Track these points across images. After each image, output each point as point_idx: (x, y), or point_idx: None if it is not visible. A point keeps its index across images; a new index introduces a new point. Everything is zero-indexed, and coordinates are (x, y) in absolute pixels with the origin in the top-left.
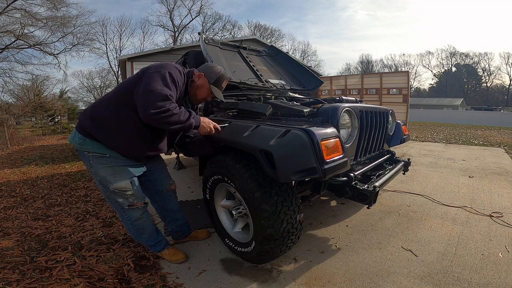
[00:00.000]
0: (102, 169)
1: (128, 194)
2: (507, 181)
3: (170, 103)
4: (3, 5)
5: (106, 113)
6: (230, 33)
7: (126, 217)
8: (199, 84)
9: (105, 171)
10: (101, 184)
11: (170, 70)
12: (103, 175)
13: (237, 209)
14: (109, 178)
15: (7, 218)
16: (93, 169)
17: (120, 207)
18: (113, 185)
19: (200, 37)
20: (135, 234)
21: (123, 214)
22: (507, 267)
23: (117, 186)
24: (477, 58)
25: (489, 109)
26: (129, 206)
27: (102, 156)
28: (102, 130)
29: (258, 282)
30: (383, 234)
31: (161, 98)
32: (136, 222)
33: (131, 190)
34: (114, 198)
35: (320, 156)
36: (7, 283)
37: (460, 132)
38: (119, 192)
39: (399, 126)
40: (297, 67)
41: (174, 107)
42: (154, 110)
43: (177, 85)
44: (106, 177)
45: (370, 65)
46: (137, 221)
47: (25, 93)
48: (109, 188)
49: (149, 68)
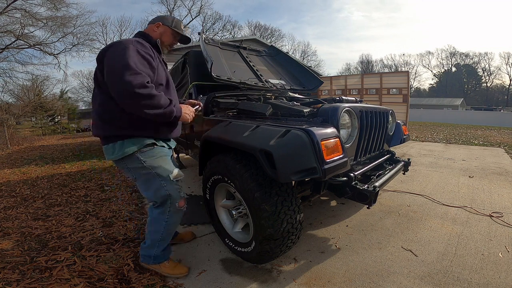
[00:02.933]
0: (157, 160)
1: (180, 185)
2: (507, 181)
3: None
4: (3, 5)
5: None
6: (230, 33)
7: (165, 217)
8: (160, 32)
9: (161, 162)
10: (158, 178)
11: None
12: (161, 165)
13: (237, 209)
14: (167, 166)
15: (7, 218)
16: (147, 163)
17: (168, 207)
18: (173, 173)
19: (200, 37)
20: (156, 241)
21: (163, 216)
22: (507, 267)
23: (175, 174)
24: (477, 58)
25: (489, 109)
26: (179, 204)
27: (151, 149)
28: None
29: (258, 282)
30: (383, 234)
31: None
32: (171, 227)
33: (181, 178)
34: (171, 193)
35: (320, 156)
36: (7, 283)
37: (460, 132)
38: (176, 182)
39: (399, 126)
40: (297, 67)
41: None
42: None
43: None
44: (165, 166)
45: (370, 65)
46: (173, 225)
47: (25, 93)
48: (169, 178)
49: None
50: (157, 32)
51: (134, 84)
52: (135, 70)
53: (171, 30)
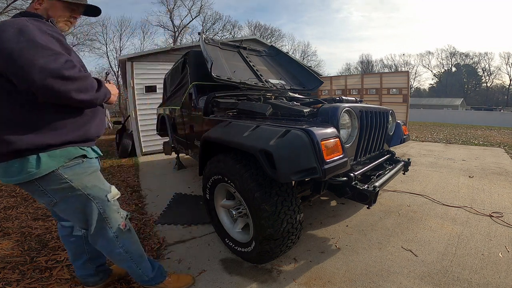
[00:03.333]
0: (88, 178)
1: (117, 205)
2: (507, 181)
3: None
4: (3, 5)
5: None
6: (230, 33)
7: (121, 246)
8: (45, 7)
9: (93, 179)
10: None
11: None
12: (95, 184)
13: (237, 209)
14: (102, 184)
15: (7, 218)
16: (75, 183)
17: (112, 232)
18: (110, 192)
19: (200, 37)
20: (134, 267)
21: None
22: (507, 267)
23: (113, 193)
24: (477, 58)
25: (489, 109)
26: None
27: (79, 163)
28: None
29: (258, 282)
30: (383, 234)
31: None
32: (132, 249)
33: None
34: (110, 216)
35: (320, 156)
36: (7, 283)
37: (460, 132)
38: (114, 203)
39: (399, 126)
40: (297, 67)
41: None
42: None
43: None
44: (99, 184)
45: (370, 65)
46: (133, 246)
47: None
48: (106, 199)
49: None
50: (40, 9)
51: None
52: (53, 49)
53: (60, 2)
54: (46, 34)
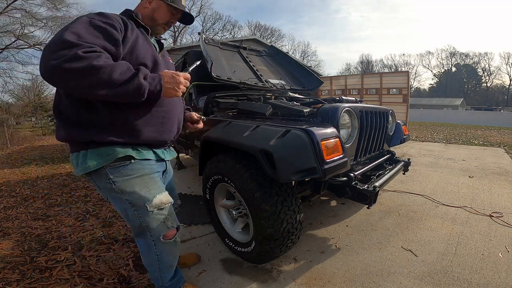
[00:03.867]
0: (130, 182)
1: (166, 214)
2: (507, 181)
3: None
4: (3, 5)
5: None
6: (230, 33)
7: (155, 250)
8: (153, 7)
9: (136, 185)
10: (131, 207)
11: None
12: (135, 191)
13: (237, 209)
14: (144, 192)
15: (7, 218)
16: (117, 186)
17: (151, 239)
18: (152, 201)
19: (200, 37)
20: (156, 272)
21: (149, 246)
22: (507, 267)
23: (157, 202)
24: (477, 58)
25: (489, 109)
26: (164, 236)
27: (124, 165)
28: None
29: (258, 282)
30: (383, 234)
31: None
32: (165, 258)
33: (169, 206)
34: (150, 226)
35: (320, 156)
36: (7, 283)
37: (460, 132)
38: (157, 212)
39: (399, 126)
40: (297, 67)
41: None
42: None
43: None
44: (140, 192)
45: (370, 65)
46: (168, 256)
47: (25, 93)
48: (146, 208)
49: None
50: (149, 9)
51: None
52: (70, 42)
53: (166, 5)
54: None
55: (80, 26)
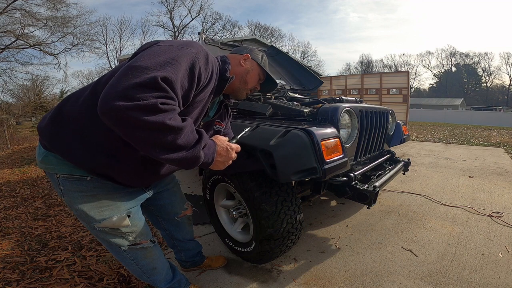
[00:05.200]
0: (80, 199)
1: (126, 232)
2: (507, 181)
3: (165, 97)
4: (3, 5)
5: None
6: (230, 33)
7: (129, 257)
8: (246, 68)
9: (85, 203)
10: (82, 220)
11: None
12: (83, 210)
13: (237, 209)
14: (92, 213)
15: (7, 218)
16: (66, 198)
17: (116, 248)
18: (100, 223)
19: (200, 37)
20: (143, 276)
21: (123, 255)
22: (507, 267)
23: (106, 224)
24: (477, 58)
25: (489, 109)
26: (130, 246)
27: (80, 179)
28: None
29: (258, 282)
30: (383, 234)
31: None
32: (143, 262)
33: (130, 226)
34: (105, 239)
35: (320, 156)
36: (7, 283)
37: (460, 132)
38: (110, 231)
39: (399, 126)
40: (297, 67)
41: (169, 110)
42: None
43: (199, 76)
44: (88, 212)
45: (370, 65)
46: (144, 260)
47: (25, 93)
48: (94, 227)
49: (159, 42)
50: (243, 68)
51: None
52: (157, 84)
53: (259, 68)
54: (192, 73)
55: (182, 67)
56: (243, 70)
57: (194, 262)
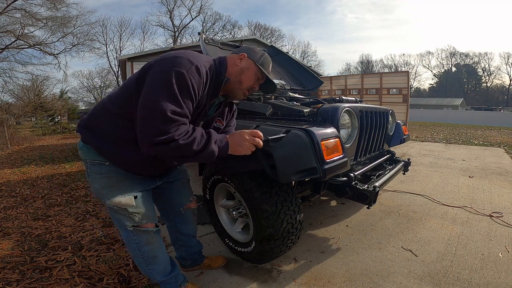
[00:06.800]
0: (98, 179)
1: (132, 212)
2: (507, 181)
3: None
4: (3, 5)
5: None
6: (230, 33)
7: (133, 239)
8: (242, 67)
9: (101, 182)
10: (98, 196)
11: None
12: (98, 187)
13: (237, 209)
14: (105, 191)
15: (7, 218)
16: (89, 178)
17: (123, 228)
18: (110, 200)
19: (200, 37)
20: (142, 264)
21: (128, 236)
22: (507, 267)
23: (115, 202)
24: (477, 58)
25: (489, 109)
26: (135, 227)
27: (101, 164)
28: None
29: (258, 282)
30: (383, 234)
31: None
32: (145, 248)
33: (135, 207)
34: (115, 216)
35: (320, 156)
36: (7, 283)
37: (460, 132)
38: (118, 209)
39: (399, 126)
40: (297, 67)
41: (182, 134)
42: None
43: (194, 91)
44: (102, 189)
45: (370, 65)
46: (147, 246)
47: (25, 93)
48: (106, 203)
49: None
50: (238, 67)
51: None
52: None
53: (255, 66)
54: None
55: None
56: (238, 69)
57: (194, 261)
